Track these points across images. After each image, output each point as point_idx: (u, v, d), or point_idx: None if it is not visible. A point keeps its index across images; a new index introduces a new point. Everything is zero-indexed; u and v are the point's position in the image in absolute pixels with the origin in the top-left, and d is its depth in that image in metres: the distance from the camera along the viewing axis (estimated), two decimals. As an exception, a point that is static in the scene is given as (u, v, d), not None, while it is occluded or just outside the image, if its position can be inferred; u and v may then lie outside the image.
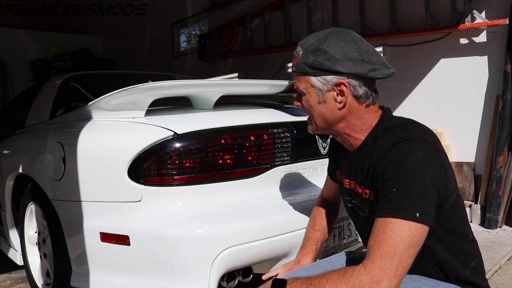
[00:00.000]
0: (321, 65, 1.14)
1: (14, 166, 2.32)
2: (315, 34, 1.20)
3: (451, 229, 1.16)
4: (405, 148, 1.08)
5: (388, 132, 1.15)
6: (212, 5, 6.02)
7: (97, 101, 1.81)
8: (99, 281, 1.70)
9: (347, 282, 1.00)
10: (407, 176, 1.04)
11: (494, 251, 2.83)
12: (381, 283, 0.98)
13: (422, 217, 1.02)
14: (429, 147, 1.09)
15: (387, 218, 1.03)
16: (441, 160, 1.10)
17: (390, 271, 0.99)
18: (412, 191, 1.03)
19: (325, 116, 1.20)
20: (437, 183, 1.07)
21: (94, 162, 1.72)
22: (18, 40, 7.34)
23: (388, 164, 1.08)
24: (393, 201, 1.04)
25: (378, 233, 1.03)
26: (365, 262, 1.02)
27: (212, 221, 1.57)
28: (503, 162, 3.44)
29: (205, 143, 1.64)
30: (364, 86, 1.15)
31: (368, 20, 4.38)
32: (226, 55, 5.70)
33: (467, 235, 1.22)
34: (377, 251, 1.01)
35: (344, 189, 1.31)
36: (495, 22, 3.53)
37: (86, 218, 1.72)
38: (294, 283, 1.08)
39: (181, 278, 1.51)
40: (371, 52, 1.15)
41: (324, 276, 1.05)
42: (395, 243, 1.00)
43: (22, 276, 2.59)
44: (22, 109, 2.97)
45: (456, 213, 1.17)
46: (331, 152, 1.45)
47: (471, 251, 1.22)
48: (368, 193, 1.18)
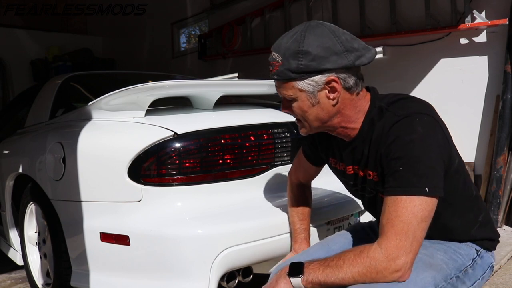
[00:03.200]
0: (306, 68, 1.09)
1: (14, 166, 2.32)
2: (287, 35, 1.13)
3: (455, 192, 1.18)
4: (406, 125, 1.08)
5: (384, 112, 1.14)
6: (212, 5, 6.02)
7: (97, 101, 1.81)
8: (99, 281, 1.70)
9: (364, 262, 1.03)
10: (412, 153, 1.05)
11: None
12: (398, 259, 1.01)
13: (432, 190, 1.04)
14: (428, 120, 1.09)
15: (397, 196, 1.05)
16: (441, 130, 1.11)
17: (405, 247, 1.01)
18: (419, 167, 1.04)
19: (320, 116, 1.17)
20: (442, 155, 1.09)
21: (94, 162, 1.72)
22: (18, 40, 7.34)
23: (391, 144, 1.09)
24: (401, 180, 1.05)
25: (389, 212, 1.05)
26: (380, 240, 1.04)
27: (212, 221, 1.57)
28: (503, 162, 3.44)
29: (205, 143, 1.64)
30: (352, 76, 1.12)
31: (368, 20, 4.38)
32: (226, 55, 5.70)
33: (471, 193, 1.24)
34: (391, 229, 1.03)
35: (348, 176, 1.31)
36: (495, 22, 3.53)
37: (86, 218, 1.72)
38: (311, 266, 1.10)
39: (181, 278, 1.51)
40: (350, 39, 1.12)
41: (341, 257, 1.07)
42: (407, 219, 1.02)
43: (22, 276, 2.59)
44: (22, 109, 2.97)
45: (459, 175, 1.19)
46: (315, 140, 1.39)
47: (476, 206, 1.25)
48: (372, 174, 1.19)
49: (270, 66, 1.15)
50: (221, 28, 5.73)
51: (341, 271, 1.05)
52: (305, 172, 1.53)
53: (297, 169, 1.55)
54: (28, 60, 7.42)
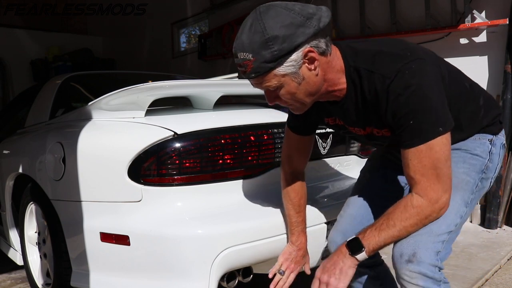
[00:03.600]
0: (281, 51, 1.07)
1: (14, 166, 2.32)
2: (243, 32, 1.10)
3: (453, 95, 1.21)
4: (399, 83, 1.10)
5: (367, 73, 1.15)
6: (212, 5, 6.02)
7: (97, 101, 1.81)
8: (99, 281, 1.70)
9: (412, 213, 1.11)
10: (416, 106, 1.09)
11: (494, 251, 2.83)
12: (440, 200, 1.11)
13: (445, 127, 1.09)
14: (415, 67, 1.11)
15: (415, 147, 1.10)
16: (428, 62, 1.13)
17: (442, 188, 1.10)
18: (428, 115, 1.08)
19: (310, 91, 1.16)
20: (440, 87, 1.13)
21: (94, 162, 1.72)
22: (18, 40, 7.33)
23: (393, 105, 1.11)
24: (415, 132, 1.09)
25: (414, 164, 1.10)
26: (417, 190, 1.11)
27: (212, 221, 1.57)
28: (503, 162, 3.44)
29: (205, 143, 1.64)
30: (322, 39, 1.12)
31: (368, 20, 4.38)
32: (226, 55, 5.69)
33: (465, 86, 1.28)
34: (423, 178, 1.10)
35: (352, 132, 1.35)
36: (495, 22, 3.53)
37: (86, 218, 1.71)
38: (366, 236, 1.16)
39: (181, 278, 1.51)
40: (303, 7, 1.11)
41: (389, 218, 1.14)
42: (433, 165, 1.09)
43: (22, 276, 2.59)
44: (22, 109, 2.97)
45: (451, 77, 1.22)
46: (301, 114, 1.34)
47: (473, 94, 1.30)
48: (381, 131, 1.23)
49: (241, 68, 1.12)
50: (221, 28, 5.73)
51: (395, 229, 1.13)
52: (298, 152, 1.52)
53: (289, 155, 1.54)
54: (28, 60, 7.42)
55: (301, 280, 1.64)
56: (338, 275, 1.17)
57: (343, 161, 2.22)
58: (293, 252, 1.57)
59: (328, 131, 2.03)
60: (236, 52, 1.12)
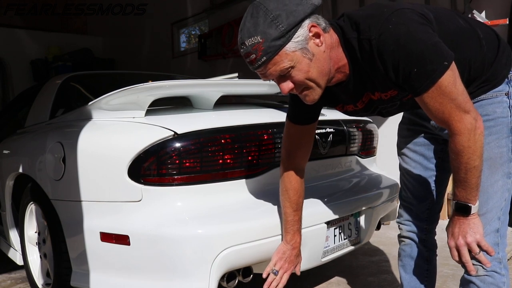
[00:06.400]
0: (289, 26, 1.09)
1: (14, 166, 2.32)
2: (246, 21, 1.13)
3: (449, 32, 1.20)
4: (388, 40, 1.11)
5: (355, 40, 1.16)
6: (212, 5, 6.01)
7: (97, 101, 1.81)
8: (99, 281, 1.70)
9: (470, 152, 1.13)
10: (413, 53, 1.09)
11: (494, 251, 2.83)
12: (476, 124, 1.12)
13: (447, 59, 1.09)
14: (394, 17, 1.12)
15: (428, 90, 1.11)
16: (406, 9, 1.14)
17: (470, 115, 1.11)
18: (427, 56, 1.09)
19: (322, 69, 1.17)
20: (427, 25, 1.13)
21: (94, 162, 1.72)
22: (18, 40, 7.34)
23: (390, 63, 1.12)
24: (420, 78, 1.10)
25: (433, 107, 1.13)
26: (453, 129, 1.13)
27: (212, 221, 1.57)
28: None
29: (205, 143, 1.64)
30: (319, 16, 1.17)
31: (368, 20, 4.38)
32: (226, 55, 5.69)
33: (462, 26, 1.25)
34: (449, 117, 1.12)
35: (361, 110, 1.36)
36: (495, 22, 3.52)
37: (86, 218, 1.72)
38: (462, 193, 1.18)
39: (181, 278, 1.52)
40: None
41: (456, 167, 1.16)
42: (451, 99, 1.10)
43: (22, 276, 2.59)
44: (22, 109, 2.97)
45: (440, 16, 1.22)
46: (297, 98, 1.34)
47: (472, 30, 1.26)
48: (388, 94, 1.24)
49: (251, 56, 1.12)
50: (221, 28, 5.73)
51: (471, 173, 1.15)
52: (298, 147, 1.51)
53: (289, 151, 1.53)
54: (28, 60, 7.42)
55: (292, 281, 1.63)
56: (472, 230, 1.20)
57: (343, 161, 2.23)
58: (287, 251, 1.57)
59: (328, 131, 2.03)
60: (243, 41, 1.13)
